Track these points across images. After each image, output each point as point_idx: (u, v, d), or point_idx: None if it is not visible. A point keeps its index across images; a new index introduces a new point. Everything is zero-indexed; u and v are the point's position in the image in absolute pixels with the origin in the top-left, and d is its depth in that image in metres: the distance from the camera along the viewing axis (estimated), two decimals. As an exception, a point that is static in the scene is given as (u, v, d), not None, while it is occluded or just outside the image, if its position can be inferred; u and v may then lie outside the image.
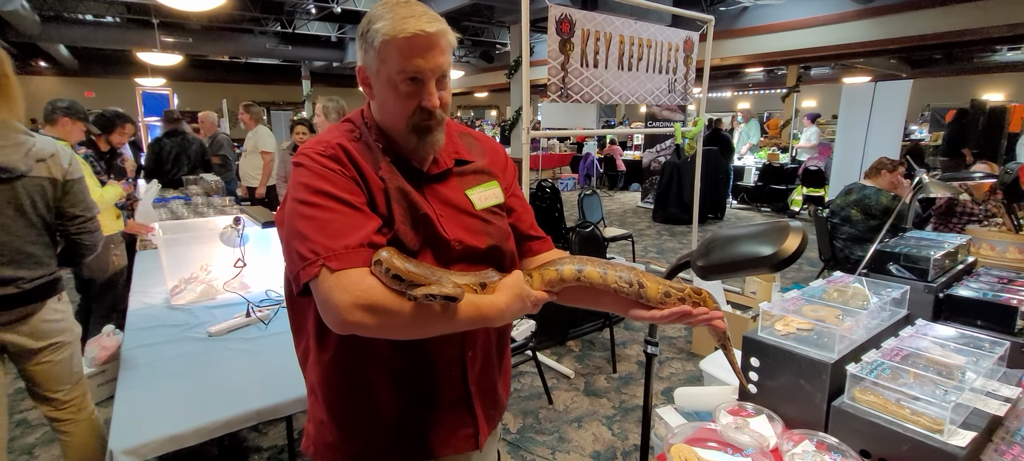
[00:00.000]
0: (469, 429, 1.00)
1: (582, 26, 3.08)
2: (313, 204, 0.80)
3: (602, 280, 0.90)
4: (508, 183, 1.04)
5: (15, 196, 1.49)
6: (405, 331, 0.80)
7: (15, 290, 1.52)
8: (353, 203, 0.82)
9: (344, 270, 0.76)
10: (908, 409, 0.98)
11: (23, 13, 7.83)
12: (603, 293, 0.93)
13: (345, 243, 0.77)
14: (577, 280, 0.91)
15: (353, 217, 0.81)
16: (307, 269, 0.77)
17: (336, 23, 11.47)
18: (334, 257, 0.76)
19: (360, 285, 0.75)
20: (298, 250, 0.79)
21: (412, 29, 0.80)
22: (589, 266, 0.91)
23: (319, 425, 0.98)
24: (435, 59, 0.83)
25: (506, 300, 0.85)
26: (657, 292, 0.88)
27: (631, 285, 0.89)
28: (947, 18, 6.80)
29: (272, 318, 1.95)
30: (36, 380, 1.66)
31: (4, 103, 1.44)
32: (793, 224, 0.87)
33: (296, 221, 0.81)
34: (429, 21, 0.81)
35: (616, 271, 0.90)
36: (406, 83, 0.83)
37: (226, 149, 5.28)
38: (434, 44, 0.82)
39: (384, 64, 0.83)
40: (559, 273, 0.92)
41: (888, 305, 1.33)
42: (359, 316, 0.75)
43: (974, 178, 2.26)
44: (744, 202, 8.98)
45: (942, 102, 12.54)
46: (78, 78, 14.06)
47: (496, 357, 1.05)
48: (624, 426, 2.60)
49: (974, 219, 2.89)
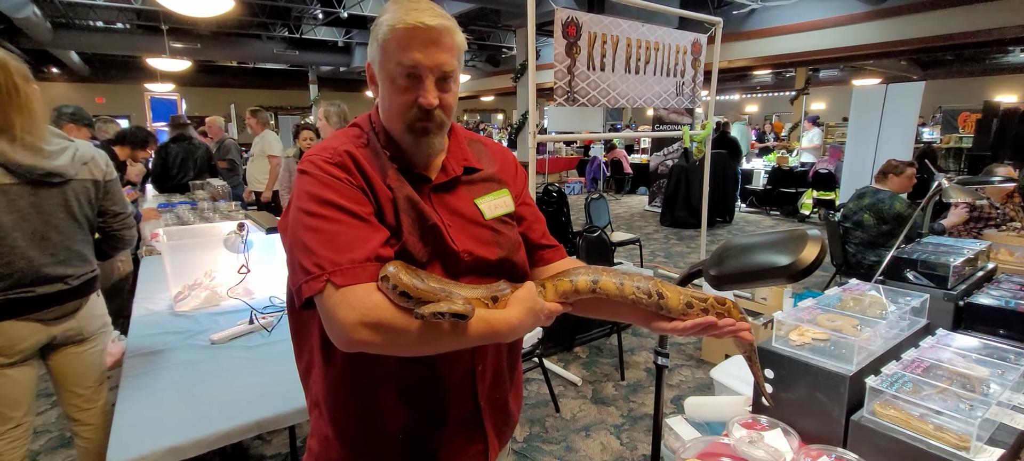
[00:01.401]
0: (479, 446, 0.97)
1: (589, 29, 3.05)
2: (318, 215, 0.77)
3: (619, 291, 0.86)
4: (518, 191, 1.01)
5: (65, 199, 1.58)
6: (413, 348, 0.77)
7: (64, 287, 1.60)
8: (360, 214, 0.79)
9: (350, 286, 0.73)
10: (931, 425, 0.94)
11: (35, 20, 7.93)
12: (620, 304, 0.88)
13: (351, 257, 0.74)
14: (592, 292, 0.87)
15: (360, 229, 0.78)
16: (311, 283, 0.74)
17: (343, 28, 11.52)
18: (339, 272, 0.73)
19: (366, 302, 0.72)
20: (302, 263, 0.76)
21: (412, 21, 0.78)
22: (604, 277, 0.87)
23: (323, 442, 0.93)
24: (435, 55, 0.80)
25: (519, 315, 0.81)
26: (678, 302, 0.84)
27: (650, 296, 0.85)
28: (959, 18, 6.71)
29: (275, 325, 1.92)
30: (69, 375, 1.71)
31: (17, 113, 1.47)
32: (812, 232, 0.83)
33: (300, 232, 0.77)
34: (433, 16, 0.79)
35: (633, 281, 0.85)
36: (404, 77, 0.81)
37: (233, 154, 5.30)
38: (435, 39, 0.79)
39: (385, 56, 0.81)
40: (573, 284, 0.88)
41: (907, 314, 1.28)
42: (365, 334, 0.72)
43: (993, 182, 2.21)
44: (753, 206, 8.89)
45: (954, 104, 12.36)
46: (89, 84, 14.23)
47: (507, 372, 1.01)
48: (633, 435, 2.55)
49: (991, 223, 2.82)
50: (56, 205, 1.56)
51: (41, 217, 1.52)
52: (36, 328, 1.56)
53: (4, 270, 1.46)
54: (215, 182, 3.70)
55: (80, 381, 1.73)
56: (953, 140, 10.69)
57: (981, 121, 7.65)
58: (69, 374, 1.71)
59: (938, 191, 1.83)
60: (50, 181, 1.53)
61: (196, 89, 15.56)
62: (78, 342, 1.70)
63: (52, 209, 1.55)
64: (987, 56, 12.40)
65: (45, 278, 1.55)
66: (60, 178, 1.55)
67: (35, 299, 1.54)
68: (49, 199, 1.54)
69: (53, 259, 1.56)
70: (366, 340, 0.72)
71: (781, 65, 10.59)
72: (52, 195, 1.54)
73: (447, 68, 0.82)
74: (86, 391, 1.75)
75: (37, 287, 1.53)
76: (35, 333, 1.56)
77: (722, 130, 8.62)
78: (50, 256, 1.55)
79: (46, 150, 1.52)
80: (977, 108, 9.03)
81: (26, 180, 1.48)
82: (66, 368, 1.70)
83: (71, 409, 1.75)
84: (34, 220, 1.51)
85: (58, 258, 1.57)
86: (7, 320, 1.49)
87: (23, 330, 1.53)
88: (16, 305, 1.50)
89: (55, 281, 1.57)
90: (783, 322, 1.19)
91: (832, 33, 7.82)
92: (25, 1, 7.13)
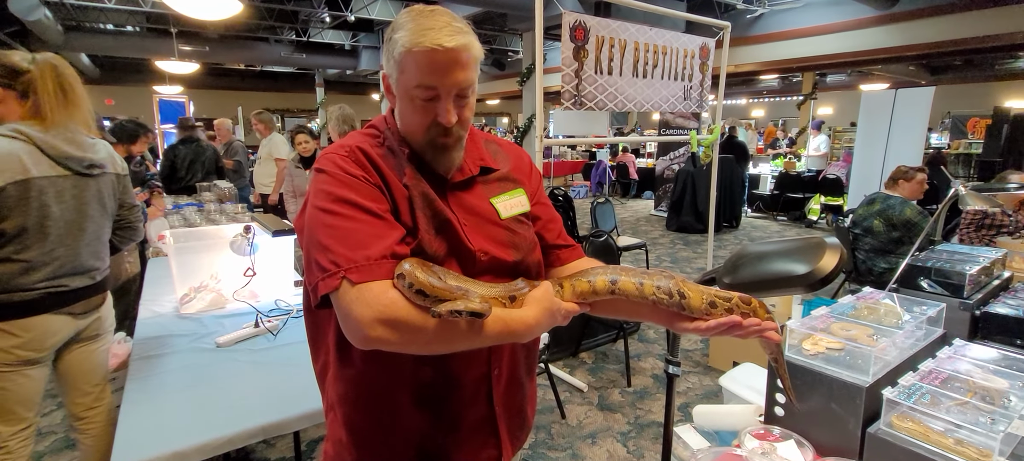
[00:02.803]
0: (492, 450, 0.96)
1: (596, 33, 3.04)
2: (335, 213, 0.77)
3: (638, 291, 0.83)
4: (533, 190, 1.00)
5: (99, 190, 1.67)
6: (429, 346, 0.76)
7: (90, 281, 1.66)
8: (376, 211, 0.78)
9: (366, 283, 0.72)
10: (951, 438, 0.91)
11: (47, 23, 8.01)
12: (640, 305, 0.86)
13: (367, 254, 0.74)
14: (611, 292, 0.85)
15: (376, 226, 0.77)
16: (327, 281, 0.74)
17: (349, 31, 11.57)
18: (355, 269, 0.73)
19: (382, 299, 0.72)
20: (318, 261, 0.76)
21: (429, 43, 0.76)
22: (624, 276, 0.84)
23: (338, 445, 0.93)
24: (453, 75, 0.78)
25: (535, 315, 0.80)
26: (701, 302, 0.81)
27: (671, 296, 0.82)
28: (969, 23, 6.65)
29: (281, 329, 1.92)
30: (80, 373, 1.75)
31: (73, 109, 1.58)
32: (829, 240, 0.81)
33: (317, 231, 0.77)
34: (450, 34, 0.77)
35: (653, 281, 0.83)
36: (421, 99, 0.80)
37: (240, 155, 5.32)
38: (454, 60, 0.77)
39: (402, 74, 0.80)
40: (591, 284, 0.86)
41: (923, 324, 1.26)
42: (381, 332, 0.71)
43: (1008, 189, 2.17)
44: (760, 211, 8.84)
45: (963, 109, 12.27)
46: (99, 86, 14.35)
47: (524, 376, 1.00)
48: (640, 443, 2.52)
49: (1005, 231, 2.78)
50: (91, 196, 1.64)
51: (79, 208, 1.60)
52: (67, 321, 1.61)
53: (46, 258, 1.52)
54: (222, 184, 3.70)
55: (89, 379, 1.76)
56: (963, 146, 10.60)
57: (991, 126, 7.59)
58: (80, 372, 1.74)
59: (954, 198, 1.80)
60: (91, 173, 1.63)
61: (204, 91, 15.67)
62: (92, 339, 1.75)
63: (88, 200, 1.63)
64: (997, 61, 12.29)
65: (79, 269, 1.61)
66: (99, 170, 1.66)
67: (69, 293, 1.59)
68: (87, 190, 1.63)
69: (87, 250, 1.64)
70: (382, 337, 0.72)
71: (789, 69, 10.54)
72: (89, 186, 1.63)
73: (465, 85, 0.81)
74: (94, 390, 1.78)
75: (71, 279, 1.60)
76: (65, 327, 1.61)
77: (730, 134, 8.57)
78: (85, 246, 1.63)
79: (87, 143, 1.63)
80: (987, 113, 8.95)
81: (74, 172, 1.58)
82: (78, 366, 1.73)
83: (78, 408, 1.77)
84: (74, 210, 1.59)
85: (91, 249, 1.65)
86: (43, 314, 1.54)
87: (56, 323, 1.58)
88: (52, 299, 1.56)
89: (86, 273, 1.64)
90: (796, 331, 1.17)
91: (840, 38, 7.77)
92: (37, 4, 7.20)
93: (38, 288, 1.52)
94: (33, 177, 1.48)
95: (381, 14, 9.04)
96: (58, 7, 8.33)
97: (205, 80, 15.03)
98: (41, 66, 1.52)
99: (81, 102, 1.59)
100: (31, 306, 1.51)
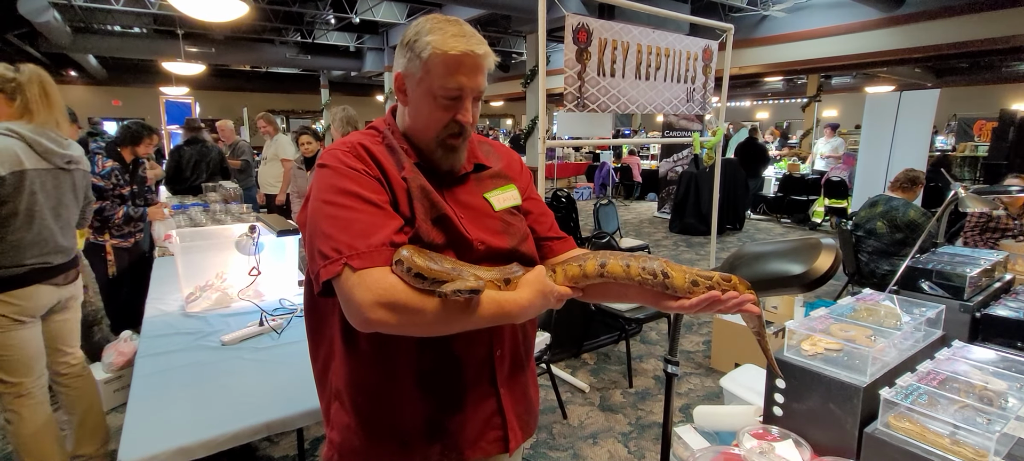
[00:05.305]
0: (498, 431, 0.99)
1: (599, 35, 3.05)
2: (337, 204, 0.81)
3: (625, 273, 0.88)
4: (524, 186, 1.06)
5: (74, 182, 1.97)
6: (428, 328, 0.80)
7: (66, 258, 1.96)
8: (376, 202, 0.83)
9: (367, 269, 0.76)
10: (948, 438, 0.92)
11: (55, 24, 8.08)
12: (628, 286, 0.91)
13: (368, 242, 0.78)
14: (600, 275, 0.90)
15: (376, 216, 0.82)
16: (329, 267, 0.78)
17: (354, 33, 11.62)
18: (357, 256, 0.77)
19: (382, 283, 0.76)
20: (321, 249, 0.80)
21: (462, 48, 0.83)
22: (612, 260, 0.89)
23: (344, 430, 0.95)
24: (476, 79, 0.87)
25: (528, 296, 0.85)
26: (684, 281, 0.86)
27: (656, 276, 0.87)
28: (974, 26, 6.62)
29: (285, 327, 1.94)
30: (61, 335, 2.06)
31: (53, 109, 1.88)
32: (825, 241, 0.82)
33: (319, 220, 0.82)
34: (478, 43, 0.85)
35: (639, 262, 0.88)
36: (447, 98, 0.86)
37: (247, 155, 5.35)
38: (480, 65, 0.86)
39: (428, 75, 0.86)
40: (582, 268, 0.91)
41: (922, 325, 1.26)
42: (381, 314, 0.75)
43: (1011, 191, 2.17)
44: (763, 213, 8.82)
45: (969, 112, 12.19)
46: (106, 87, 14.47)
47: (524, 357, 1.04)
48: (641, 444, 2.53)
49: (1008, 234, 2.78)
50: (68, 187, 1.94)
51: (58, 196, 1.90)
52: (52, 290, 1.92)
53: (36, 238, 1.82)
54: (227, 184, 3.73)
55: (66, 341, 2.09)
56: (968, 149, 10.54)
57: (998, 129, 7.53)
58: (61, 334, 2.06)
59: (954, 200, 1.80)
60: (68, 168, 1.92)
61: (210, 92, 15.76)
62: (67, 308, 2.06)
63: (65, 190, 1.93)
64: (1003, 64, 12.22)
65: (58, 248, 1.91)
66: (74, 165, 1.95)
67: (53, 267, 1.90)
68: (64, 182, 1.93)
69: (63, 232, 1.93)
70: (382, 319, 0.76)
71: (793, 72, 10.52)
72: (66, 179, 1.93)
73: (483, 88, 0.89)
74: (71, 350, 2.12)
75: (54, 257, 1.90)
76: (50, 294, 1.92)
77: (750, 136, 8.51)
78: (61, 229, 1.92)
79: (65, 142, 1.92)
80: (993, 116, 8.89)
81: (56, 166, 1.87)
82: (58, 329, 2.05)
83: (60, 366, 2.09)
84: (55, 199, 1.88)
85: (66, 232, 1.96)
86: (35, 284, 1.84)
87: (45, 292, 1.89)
88: (42, 272, 1.86)
89: (63, 251, 1.94)
90: (795, 331, 1.17)
91: (845, 40, 7.75)
92: (46, 6, 7.27)
93: (27, 264, 1.81)
94: (27, 169, 1.76)
95: (386, 16, 9.08)
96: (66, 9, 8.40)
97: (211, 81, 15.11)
98: (28, 73, 1.82)
99: (58, 103, 1.90)
100: (24, 279, 1.81)
